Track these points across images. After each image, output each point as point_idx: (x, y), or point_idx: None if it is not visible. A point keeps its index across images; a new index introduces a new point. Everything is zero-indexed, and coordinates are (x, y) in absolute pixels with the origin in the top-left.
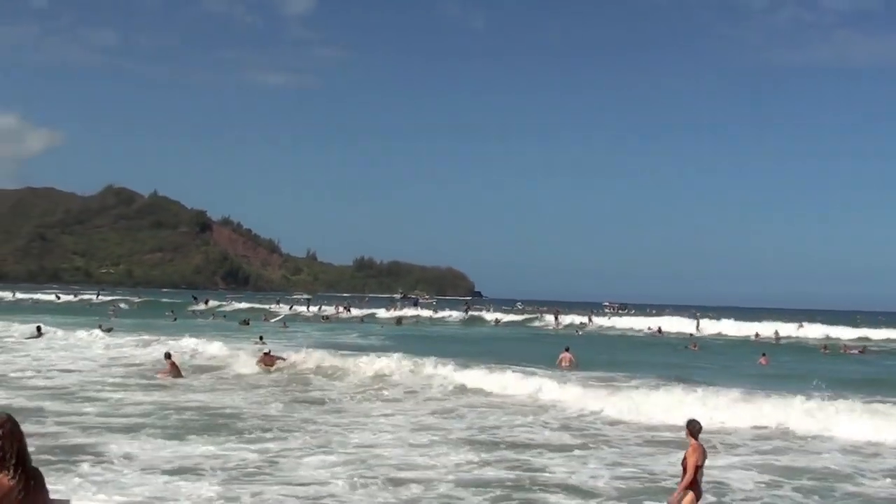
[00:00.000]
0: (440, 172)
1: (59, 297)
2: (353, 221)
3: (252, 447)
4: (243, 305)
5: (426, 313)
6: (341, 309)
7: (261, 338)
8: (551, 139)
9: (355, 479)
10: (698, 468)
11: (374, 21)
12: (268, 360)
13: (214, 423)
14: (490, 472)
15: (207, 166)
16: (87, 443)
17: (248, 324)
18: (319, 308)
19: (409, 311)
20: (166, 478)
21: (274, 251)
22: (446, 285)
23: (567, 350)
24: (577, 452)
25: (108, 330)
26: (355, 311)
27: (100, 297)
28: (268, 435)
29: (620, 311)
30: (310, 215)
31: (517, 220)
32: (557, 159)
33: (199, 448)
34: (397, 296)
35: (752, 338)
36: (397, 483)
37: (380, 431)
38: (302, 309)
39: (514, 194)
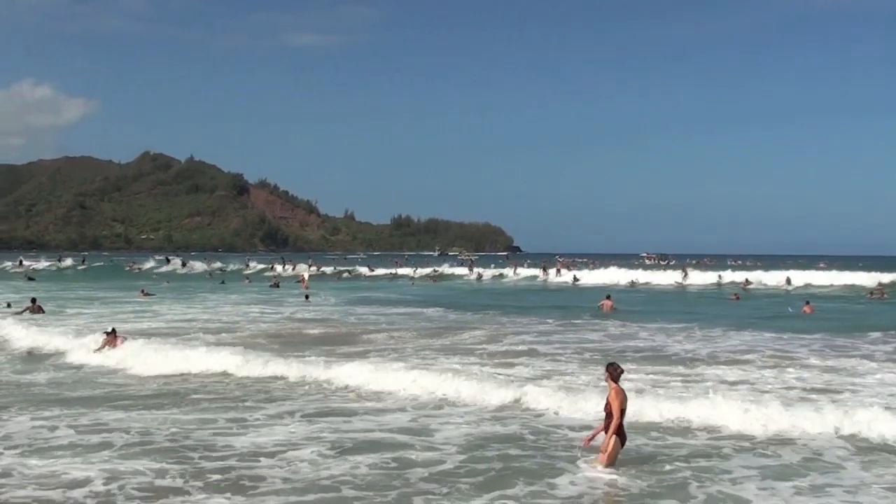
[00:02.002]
0: (476, 128)
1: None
2: (390, 180)
3: None
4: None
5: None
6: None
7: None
8: (590, 91)
9: None
10: (623, 412)
11: None
12: (114, 342)
13: None
14: None
15: (243, 129)
16: None
17: (277, 286)
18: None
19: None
20: None
21: (312, 212)
22: (484, 241)
23: (608, 297)
24: None
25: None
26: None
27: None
28: None
29: (661, 262)
30: (347, 175)
31: (555, 172)
32: (594, 110)
33: None
34: (435, 253)
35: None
36: None
37: None
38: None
39: (551, 147)
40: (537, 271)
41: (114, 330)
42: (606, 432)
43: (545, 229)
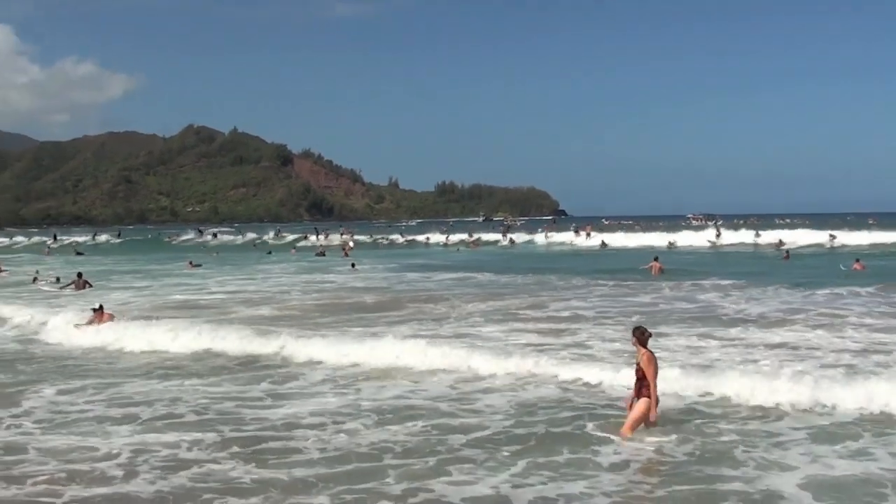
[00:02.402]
0: (519, 92)
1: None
2: (434, 147)
3: None
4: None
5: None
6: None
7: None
8: (637, 52)
9: None
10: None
11: None
12: (101, 318)
13: None
14: None
15: (286, 100)
16: None
17: (323, 255)
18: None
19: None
20: None
21: (356, 180)
22: (530, 205)
23: (656, 259)
24: None
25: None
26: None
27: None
28: None
29: (707, 223)
30: (390, 143)
31: (601, 135)
32: (639, 71)
33: None
34: (479, 219)
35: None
36: None
37: None
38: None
39: (596, 109)
40: (568, 235)
41: (101, 307)
42: (638, 396)
43: (591, 192)
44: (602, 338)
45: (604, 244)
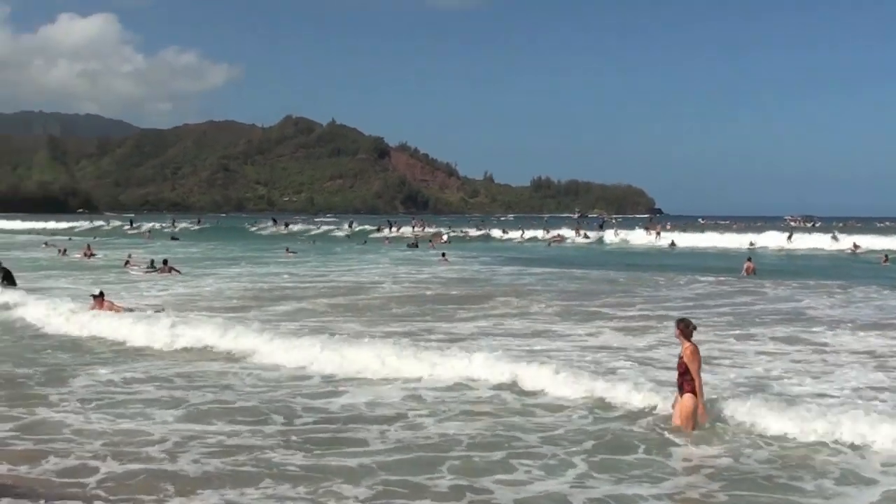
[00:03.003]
0: (617, 87)
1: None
2: (530, 142)
3: None
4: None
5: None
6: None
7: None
8: (735, 47)
9: None
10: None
11: None
12: (100, 306)
13: None
14: None
15: (384, 93)
16: None
17: (416, 246)
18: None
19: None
20: None
21: (452, 174)
22: (626, 203)
23: (749, 260)
24: None
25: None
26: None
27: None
28: None
29: (805, 224)
30: (486, 137)
31: (699, 133)
32: (737, 68)
33: None
34: (574, 215)
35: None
36: None
37: None
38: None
39: (694, 107)
40: (638, 234)
41: (101, 293)
42: (681, 391)
43: (688, 191)
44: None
45: (673, 244)
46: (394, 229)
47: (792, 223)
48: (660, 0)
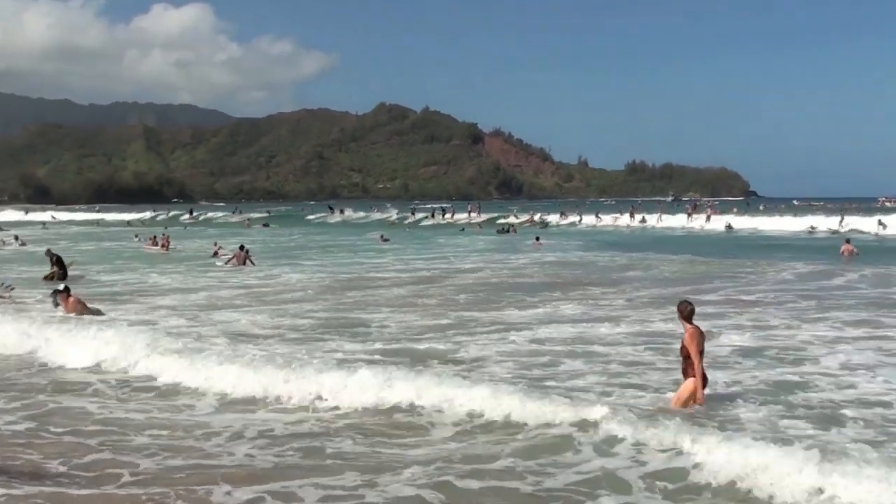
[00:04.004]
0: (710, 70)
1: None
2: (624, 125)
3: None
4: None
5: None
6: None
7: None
8: (832, 38)
9: None
10: (701, 353)
11: None
12: (65, 303)
13: None
14: None
15: (477, 79)
16: None
17: (506, 231)
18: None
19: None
20: None
21: (545, 159)
22: (720, 186)
23: (848, 241)
24: None
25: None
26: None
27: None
28: None
29: None
30: (580, 121)
31: (795, 117)
32: (837, 54)
33: None
34: (668, 198)
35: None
36: None
37: None
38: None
39: (788, 91)
40: (680, 218)
41: (67, 289)
42: (685, 375)
43: (783, 173)
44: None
45: (729, 227)
46: (447, 216)
47: (887, 204)
48: None
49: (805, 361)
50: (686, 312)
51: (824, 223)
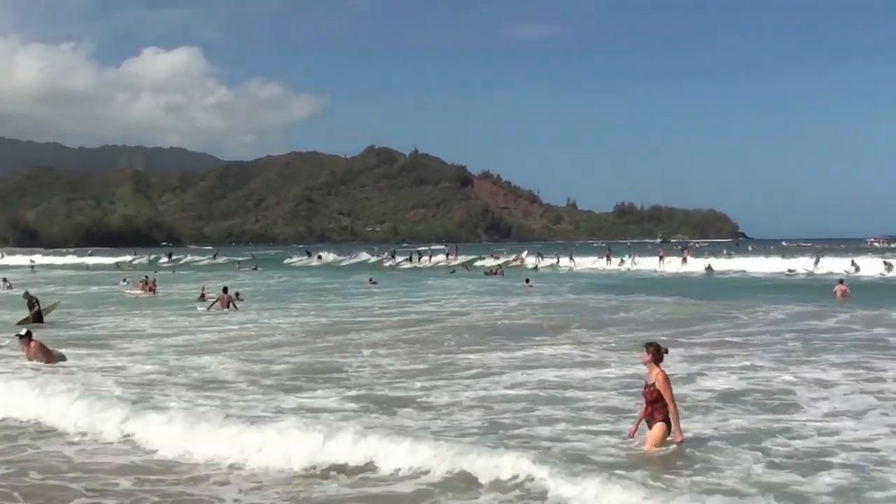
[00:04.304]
0: (698, 113)
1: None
2: (613, 168)
3: None
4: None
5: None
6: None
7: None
8: (822, 74)
9: None
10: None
11: None
12: (25, 348)
13: None
14: None
15: (466, 122)
16: None
17: (494, 273)
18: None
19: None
20: None
21: (534, 201)
22: (709, 228)
23: (841, 282)
24: None
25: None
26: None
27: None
28: None
29: (890, 246)
30: (569, 164)
31: (784, 157)
32: (826, 93)
33: None
34: (657, 240)
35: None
36: None
37: None
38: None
39: (777, 132)
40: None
41: (28, 333)
42: (650, 419)
43: (772, 215)
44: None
45: (709, 269)
46: (424, 258)
47: (876, 244)
48: (744, 25)
49: (789, 406)
50: (659, 356)
51: (802, 265)
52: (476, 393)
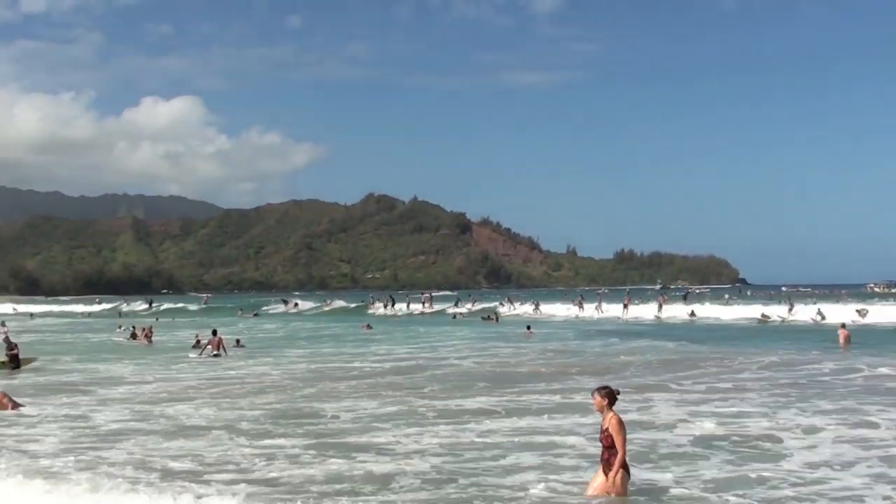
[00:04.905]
0: (700, 160)
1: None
2: (613, 214)
3: None
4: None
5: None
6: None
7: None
8: (818, 119)
9: None
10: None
11: (624, 12)
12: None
13: None
14: None
15: (465, 169)
16: None
17: (490, 319)
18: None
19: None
20: None
21: (534, 248)
22: (709, 273)
23: (843, 327)
24: None
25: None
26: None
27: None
28: None
29: (890, 291)
30: (569, 211)
31: (784, 203)
32: (824, 138)
33: None
34: (657, 286)
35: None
36: None
37: None
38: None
39: (778, 177)
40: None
41: None
42: (607, 466)
43: (772, 260)
44: None
45: (693, 314)
46: (396, 306)
47: (876, 289)
48: (736, 68)
49: (772, 453)
50: (610, 399)
51: (777, 311)
52: (448, 439)
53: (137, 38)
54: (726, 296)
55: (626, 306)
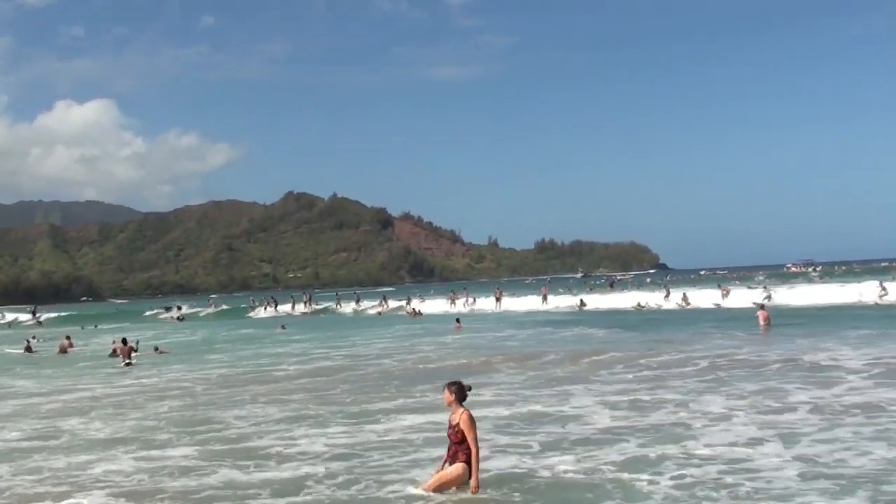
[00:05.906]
0: (614, 147)
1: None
2: (532, 205)
3: None
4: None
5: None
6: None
7: None
8: (732, 104)
9: None
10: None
11: (539, 6)
12: None
13: None
14: None
15: (384, 164)
16: None
17: (419, 314)
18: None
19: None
20: None
21: (456, 241)
22: (631, 260)
23: (762, 308)
24: None
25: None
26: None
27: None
28: None
29: (807, 270)
30: (489, 203)
31: (701, 188)
32: (737, 123)
33: None
34: (578, 275)
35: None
36: None
37: None
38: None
39: (694, 163)
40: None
41: None
42: (454, 461)
43: (692, 245)
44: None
45: (582, 303)
46: (277, 307)
47: (793, 269)
48: (646, 62)
49: (684, 436)
50: (461, 395)
51: (653, 299)
52: (343, 440)
53: (49, 41)
54: (648, 281)
55: (452, 301)
